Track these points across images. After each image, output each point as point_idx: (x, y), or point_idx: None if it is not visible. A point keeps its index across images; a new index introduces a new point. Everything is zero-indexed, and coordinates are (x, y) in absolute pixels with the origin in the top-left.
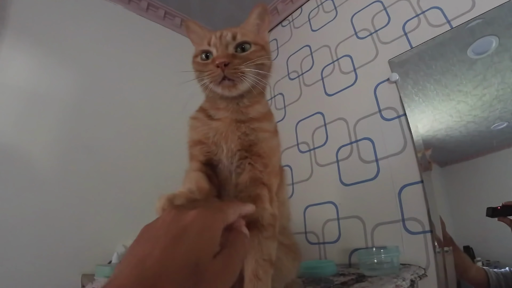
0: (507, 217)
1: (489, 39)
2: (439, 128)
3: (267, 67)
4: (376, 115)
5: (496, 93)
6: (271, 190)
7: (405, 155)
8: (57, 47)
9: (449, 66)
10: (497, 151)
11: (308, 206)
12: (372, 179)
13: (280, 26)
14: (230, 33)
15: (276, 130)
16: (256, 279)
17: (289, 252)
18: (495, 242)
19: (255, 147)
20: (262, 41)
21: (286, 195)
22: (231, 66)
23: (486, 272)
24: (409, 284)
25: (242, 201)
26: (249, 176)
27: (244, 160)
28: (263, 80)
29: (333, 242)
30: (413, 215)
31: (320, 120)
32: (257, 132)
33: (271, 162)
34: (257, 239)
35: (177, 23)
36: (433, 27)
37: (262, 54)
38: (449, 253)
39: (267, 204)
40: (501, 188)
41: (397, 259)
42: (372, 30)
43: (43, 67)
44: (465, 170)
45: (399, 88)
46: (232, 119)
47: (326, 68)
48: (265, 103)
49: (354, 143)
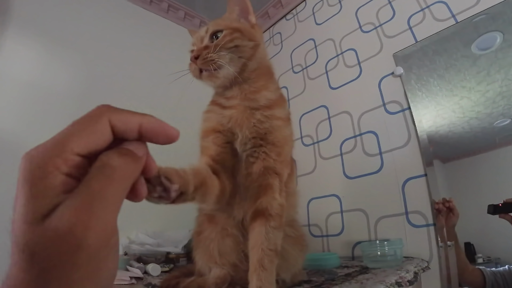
0: (509, 214)
1: (493, 34)
2: (442, 124)
3: (248, 48)
4: (380, 108)
5: (500, 89)
6: (282, 180)
7: (409, 148)
8: (60, 40)
9: (452, 62)
10: (499, 148)
11: (311, 199)
12: (375, 172)
13: (284, 20)
14: (205, 27)
15: (289, 118)
16: (262, 268)
17: (296, 243)
18: (496, 238)
19: (270, 136)
20: (237, 24)
21: (294, 185)
22: (201, 57)
23: (482, 272)
24: (413, 276)
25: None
26: (262, 165)
27: (258, 149)
28: (250, 62)
29: (337, 235)
30: (416, 208)
31: (324, 113)
32: (271, 119)
33: (284, 151)
34: (264, 228)
35: (181, 16)
36: (438, 21)
37: (235, 36)
38: (452, 248)
39: (277, 194)
40: (503, 185)
41: (400, 251)
42: (377, 24)
43: (47, 60)
44: (467, 167)
45: (404, 82)
46: (245, 106)
47: (331, 61)
48: (274, 88)
49: (358, 136)
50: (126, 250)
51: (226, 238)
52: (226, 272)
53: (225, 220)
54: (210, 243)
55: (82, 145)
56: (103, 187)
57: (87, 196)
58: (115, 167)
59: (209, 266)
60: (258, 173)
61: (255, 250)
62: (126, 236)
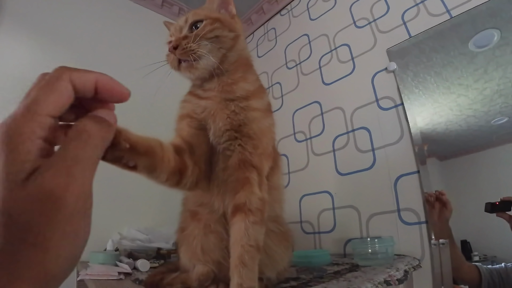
0: (506, 213)
1: (491, 32)
2: (439, 121)
3: (228, 39)
4: (373, 104)
5: (497, 87)
6: (261, 173)
7: (402, 144)
8: (52, 36)
9: (450, 59)
10: (497, 146)
11: (304, 196)
12: (368, 169)
13: (278, 15)
14: (184, 17)
15: (269, 109)
16: (242, 265)
17: (282, 240)
18: (492, 237)
19: (245, 128)
20: (217, 14)
21: (280, 180)
22: (180, 47)
23: (478, 268)
24: (403, 275)
25: (231, 185)
26: (238, 158)
27: (233, 141)
28: (230, 53)
29: (328, 232)
30: (408, 206)
31: (317, 109)
32: (246, 111)
33: (262, 144)
34: (244, 223)
35: (175, 11)
36: (433, 16)
37: (215, 26)
38: (445, 246)
39: (255, 188)
40: (500, 184)
41: (392, 249)
42: (371, 19)
43: (39, 55)
44: (464, 165)
45: (397, 77)
46: (221, 98)
47: (324, 57)
48: (253, 79)
49: (351, 132)
50: (117, 246)
51: (209, 235)
52: (209, 269)
53: (207, 216)
54: (193, 240)
55: (52, 105)
56: (80, 151)
57: (66, 159)
58: (91, 133)
59: (193, 263)
60: (235, 167)
61: (235, 246)
62: (118, 232)
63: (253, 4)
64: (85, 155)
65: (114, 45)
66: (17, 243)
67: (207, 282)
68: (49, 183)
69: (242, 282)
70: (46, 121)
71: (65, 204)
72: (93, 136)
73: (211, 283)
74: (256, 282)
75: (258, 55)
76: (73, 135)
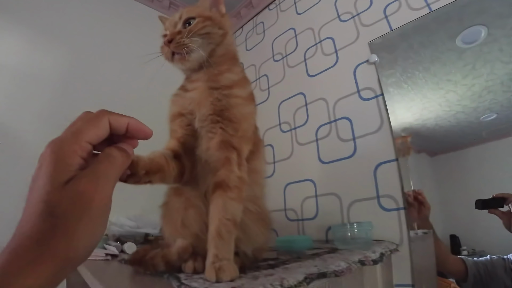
0: (498, 209)
1: (478, 28)
2: (429, 117)
3: (217, 36)
4: (355, 95)
5: (486, 83)
6: (241, 154)
7: (381, 133)
8: (45, 29)
9: (438, 55)
10: (486, 143)
11: (288, 184)
12: (349, 157)
13: (267, 10)
14: (178, 14)
15: (251, 98)
16: (219, 237)
17: (259, 219)
18: (481, 231)
19: (226, 112)
20: (209, 13)
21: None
22: (174, 41)
23: (464, 261)
24: (378, 257)
25: (212, 164)
26: (220, 139)
27: (215, 125)
28: (218, 48)
29: (311, 219)
30: (387, 192)
31: (301, 100)
32: (228, 98)
33: (242, 127)
34: (222, 199)
35: (166, 5)
36: (413, 10)
37: (206, 24)
38: (427, 235)
39: (234, 167)
40: (490, 180)
41: (370, 233)
42: (354, 13)
43: (32, 47)
44: (454, 160)
45: (379, 70)
46: (206, 87)
47: (309, 50)
48: (237, 71)
49: (333, 122)
50: (106, 231)
51: (189, 209)
52: (188, 243)
53: (189, 192)
54: (175, 213)
55: (91, 136)
56: (107, 168)
57: (96, 173)
58: (115, 157)
59: (173, 237)
60: (216, 147)
61: (213, 220)
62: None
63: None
64: (109, 172)
65: (107, 38)
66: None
67: (185, 255)
68: (82, 187)
69: (218, 253)
70: (86, 146)
71: (92, 205)
72: (117, 159)
73: (190, 256)
74: (231, 254)
75: (247, 48)
76: (103, 157)
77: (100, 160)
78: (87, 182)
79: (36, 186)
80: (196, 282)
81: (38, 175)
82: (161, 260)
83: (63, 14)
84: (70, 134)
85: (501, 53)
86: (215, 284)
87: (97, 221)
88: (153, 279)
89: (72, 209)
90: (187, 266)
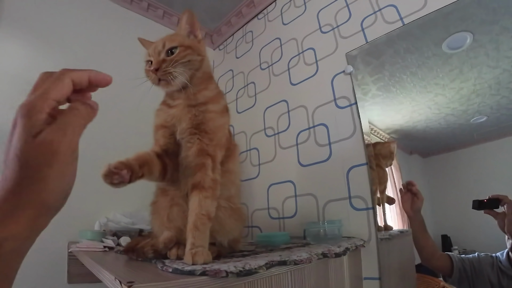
0: (493, 210)
1: (463, 34)
2: (419, 119)
3: (197, 62)
4: (332, 103)
5: (474, 87)
6: (215, 160)
7: (354, 139)
8: (46, 38)
9: (424, 60)
10: (478, 144)
11: (271, 185)
12: (325, 161)
13: (256, 19)
14: (161, 43)
15: (224, 110)
16: (195, 228)
17: (233, 214)
18: (472, 232)
19: (202, 125)
20: (189, 42)
21: (236, 166)
22: (160, 70)
23: (450, 257)
24: (342, 251)
25: (190, 169)
26: (197, 148)
27: (193, 136)
28: (197, 72)
29: (291, 217)
30: (358, 193)
31: (284, 107)
32: (204, 113)
33: (216, 137)
34: (198, 197)
35: (160, 14)
36: (388, 23)
37: (188, 53)
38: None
39: (209, 171)
40: (481, 181)
41: (340, 230)
42: (334, 25)
43: (33, 56)
44: (446, 162)
45: (352, 79)
46: (185, 105)
47: (293, 59)
48: (213, 88)
49: (312, 128)
50: (104, 227)
51: (174, 207)
52: (173, 234)
53: (174, 192)
54: (162, 210)
55: (57, 95)
56: (72, 120)
57: (62, 124)
58: (79, 109)
59: (161, 229)
60: (194, 155)
61: (191, 215)
62: (105, 215)
63: (232, 8)
64: (74, 122)
65: (106, 47)
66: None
67: (170, 244)
68: (49, 137)
69: (195, 242)
70: (52, 103)
71: (59, 152)
72: (81, 111)
73: (174, 245)
74: (206, 243)
75: (236, 56)
76: (68, 110)
77: (65, 113)
78: (54, 132)
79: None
80: (176, 265)
81: (12, 135)
82: (150, 248)
83: (64, 23)
84: (39, 96)
85: (487, 58)
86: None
87: (66, 167)
88: (143, 264)
89: (42, 157)
90: (172, 253)
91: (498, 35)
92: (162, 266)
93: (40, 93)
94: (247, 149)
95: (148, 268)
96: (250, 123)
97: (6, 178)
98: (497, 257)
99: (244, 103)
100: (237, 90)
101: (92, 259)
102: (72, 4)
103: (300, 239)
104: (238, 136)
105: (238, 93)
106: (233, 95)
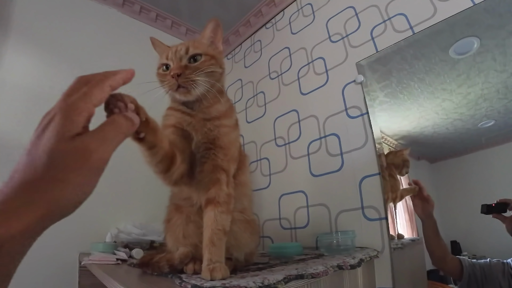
0: (501, 214)
1: (470, 40)
2: (426, 125)
3: (218, 74)
4: (343, 113)
5: (481, 92)
6: (229, 174)
7: (366, 149)
8: (56, 50)
9: (432, 66)
10: (486, 149)
11: (282, 195)
12: (337, 171)
13: (264, 28)
14: (184, 47)
15: (236, 124)
16: (211, 244)
17: (248, 227)
18: (481, 237)
19: (217, 141)
20: (213, 51)
21: (247, 178)
22: (183, 76)
23: (460, 261)
24: (357, 262)
25: (205, 183)
26: (212, 164)
27: (208, 151)
28: (216, 84)
29: (303, 227)
30: (371, 204)
31: (295, 117)
32: (219, 128)
33: (230, 152)
34: (213, 212)
35: (168, 24)
36: (398, 32)
37: (212, 63)
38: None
39: (224, 186)
40: (490, 185)
41: (353, 241)
42: (344, 35)
43: (44, 67)
44: (454, 167)
45: (363, 88)
46: (200, 118)
47: (302, 69)
48: (225, 101)
49: (323, 138)
50: (115, 239)
51: (189, 224)
52: (189, 250)
53: (188, 209)
54: (177, 228)
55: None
56: (110, 132)
57: (101, 133)
58: (121, 124)
59: (176, 246)
60: (209, 170)
61: (207, 230)
62: (116, 226)
63: (240, 17)
64: (113, 136)
65: (115, 60)
66: (45, 179)
67: (186, 260)
68: (86, 143)
69: (212, 257)
70: (92, 109)
71: (91, 160)
72: (122, 126)
73: (190, 261)
74: (222, 258)
75: (245, 65)
76: (110, 121)
77: (107, 123)
78: (91, 139)
79: (39, 141)
80: (195, 280)
81: (45, 129)
82: (165, 263)
83: (73, 36)
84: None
85: (494, 63)
86: (210, 281)
87: (91, 178)
88: (159, 278)
89: (73, 161)
90: (188, 267)
91: (504, 39)
92: (181, 282)
93: (81, 95)
94: (258, 159)
95: (164, 283)
96: (260, 133)
97: (24, 172)
98: (508, 263)
99: (254, 113)
100: (246, 99)
101: (106, 272)
102: (81, 17)
103: (312, 250)
104: (248, 146)
105: (247, 102)
106: (242, 104)
